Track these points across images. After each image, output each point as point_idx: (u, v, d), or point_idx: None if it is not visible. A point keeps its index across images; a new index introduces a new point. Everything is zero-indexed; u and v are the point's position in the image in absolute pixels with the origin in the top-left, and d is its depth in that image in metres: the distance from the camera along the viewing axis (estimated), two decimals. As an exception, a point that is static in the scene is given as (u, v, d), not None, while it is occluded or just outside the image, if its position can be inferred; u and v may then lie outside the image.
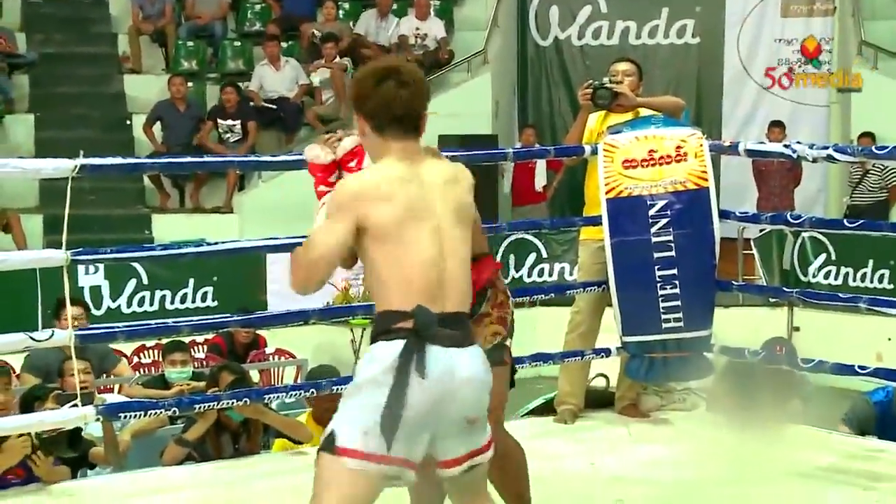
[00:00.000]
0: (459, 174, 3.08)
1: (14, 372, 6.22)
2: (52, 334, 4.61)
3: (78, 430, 4.66)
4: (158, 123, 11.63)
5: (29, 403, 5.03)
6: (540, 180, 12.04)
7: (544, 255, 10.84)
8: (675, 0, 12.99)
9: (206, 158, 7.87)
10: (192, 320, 6.22)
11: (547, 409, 5.57)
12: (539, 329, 8.84)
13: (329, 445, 2.84)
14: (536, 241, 10.73)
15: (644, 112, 5.51)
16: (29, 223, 10.25)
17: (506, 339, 3.66)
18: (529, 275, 10.82)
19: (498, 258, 10.69)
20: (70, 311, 5.29)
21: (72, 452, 4.75)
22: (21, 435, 4.61)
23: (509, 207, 12.02)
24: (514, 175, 12.10)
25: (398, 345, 2.82)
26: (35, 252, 5.84)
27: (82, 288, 8.78)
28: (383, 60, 3.13)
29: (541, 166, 11.96)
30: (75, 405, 4.51)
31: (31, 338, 4.50)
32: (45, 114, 11.67)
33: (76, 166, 4.37)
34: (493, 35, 12.76)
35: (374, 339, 2.90)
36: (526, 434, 5.11)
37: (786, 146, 5.34)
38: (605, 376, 5.72)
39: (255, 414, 5.21)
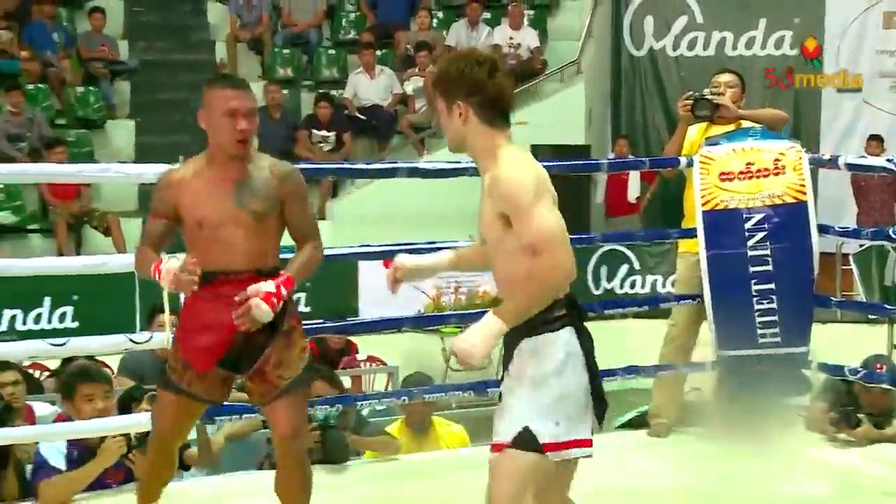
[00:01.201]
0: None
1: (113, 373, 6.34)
2: (151, 337, 4.70)
3: None
4: (253, 128, 11.78)
5: (127, 404, 5.12)
6: (633, 191, 11.97)
7: (636, 266, 10.76)
8: (773, 11, 12.82)
9: (301, 165, 7.94)
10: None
11: (640, 422, 5.52)
12: (630, 341, 8.78)
13: (532, 444, 2.91)
14: (629, 252, 10.67)
15: (745, 124, 5.45)
16: (128, 227, 10.45)
17: (309, 350, 3.78)
18: (621, 286, 10.75)
19: (589, 269, 10.69)
20: (167, 316, 5.36)
21: None
22: (117, 436, 4.70)
23: (601, 218, 11.97)
24: (607, 186, 12.05)
25: (567, 332, 2.97)
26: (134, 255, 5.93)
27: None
28: (477, 51, 3.11)
29: (634, 177, 11.89)
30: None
31: (131, 340, 4.58)
32: (146, 119, 11.89)
33: (176, 169, 4.44)
34: (587, 45, 12.71)
35: (531, 332, 2.97)
36: (618, 447, 5.09)
37: (888, 160, 5.24)
38: (701, 391, 5.65)
39: (352, 445, 5.17)
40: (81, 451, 4.66)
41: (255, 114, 3.63)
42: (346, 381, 7.91)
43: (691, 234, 5.32)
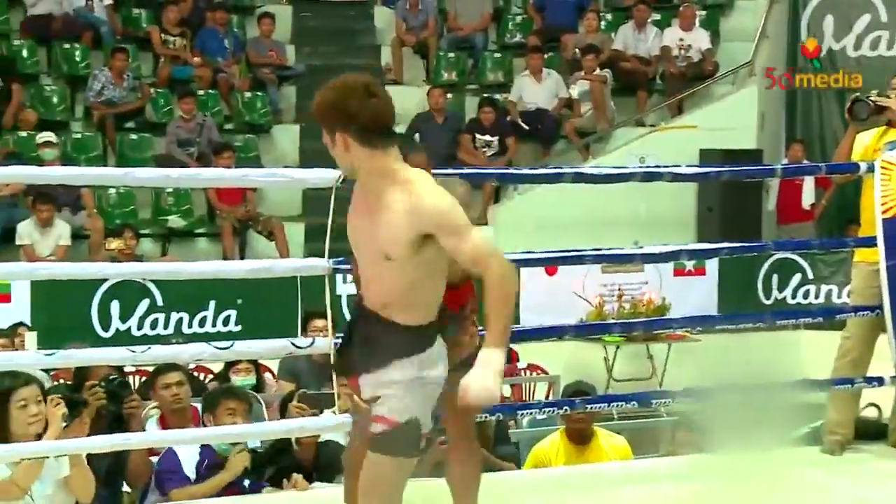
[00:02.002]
0: None
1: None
2: (313, 342, 4.75)
3: None
4: (417, 136, 11.89)
5: (285, 407, 5.22)
6: (807, 198, 11.66)
7: (810, 276, 10.49)
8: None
9: (464, 170, 7.97)
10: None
11: (813, 437, 5.36)
12: (803, 354, 8.55)
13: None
14: (802, 261, 10.41)
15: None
16: (291, 231, 10.66)
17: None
18: (794, 296, 10.50)
19: (760, 278, 10.46)
20: (329, 322, 5.43)
21: None
22: (243, 451, 4.82)
23: (773, 225, 11.69)
24: (780, 192, 11.76)
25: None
26: (298, 260, 6.02)
27: (340, 296, 9.03)
28: (349, 80, 3.24)
29: (809, 183, 11.58)
30: (333, 412, 4.64)
31: (294, 344, 4.64)
32: (311, 124, 12.10)
33: (340, 176, 4.49)
34: (762, 45, 12.44)
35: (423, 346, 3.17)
36: (790, 462, 4.95)
37: None
38: (878, 406, 5.46)
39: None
40: (210, 463, 4.78)
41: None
42: (506, 390, 7.92)
43: (870, 242, 5.13)
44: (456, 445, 3.83)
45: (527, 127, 12.10)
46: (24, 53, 11.80)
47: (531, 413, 5.39)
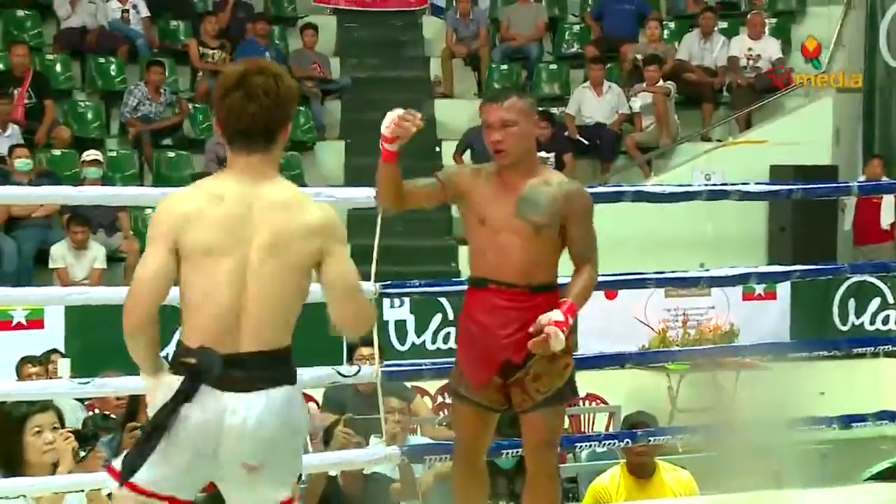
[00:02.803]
0: (302, 202, 3.13)
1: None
2: (359, 370, 4.80)
3: None
4: (469, 151, 11.92)
5: (329, 437, 5.27)
6: (887, 217, 11.56)
7: (890, 300, 10.40)
8: None
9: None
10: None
11: (893, 474, 5.33)
12: (883, 383, 8.49)
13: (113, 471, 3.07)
14: (881, 284, 10.32)
15: None
16: (337, 253, 10.72)
17: (573, 369, 4.05)
18: (872, 322, 10.40)
19: (836, 302, 10.38)
20: (377, 349, 5.48)
21: None
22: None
23: (850, 246, 11.60)
24: (857, 211, 11.67)
25: (177, 381, 3.00)
26: (343, 283, 6.08)
27: (387, 322, 9.07)
28: (243, 63, 3.17)
29: (888, 202, 11.48)
30: (380, 443, 4.69)
31: (339, 373, 4.69)
32: (356, 140, 12.18)
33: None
34: (837, 55, 12.38)
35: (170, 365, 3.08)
36: (867, 501, 4.92)
37: None
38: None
39: None
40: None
41: (511, 124, 3.97)
42: (565, 422, 7.92)
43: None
44: (534, 481, 3.99)
45: (585, 142, 12.11)
46: (58, 68, 11.98)
47: (590, 446, 5.40)
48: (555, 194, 3.96)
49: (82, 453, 4.53)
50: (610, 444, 5.52)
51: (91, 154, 10.36)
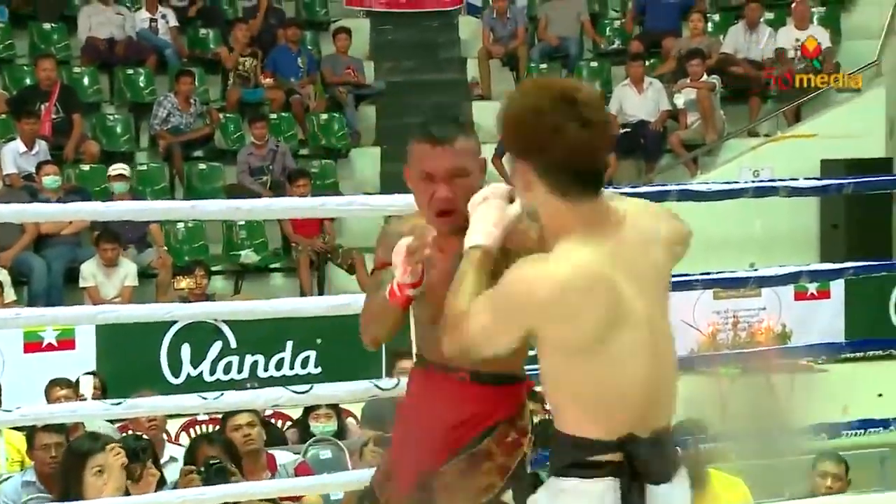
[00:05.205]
0: (659, 220, 2.62)
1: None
2: (398, 383, 4.80)
3: None
4: (508, 155, 11.89)
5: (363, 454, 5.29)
6: (942, 211, 11.48)
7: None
8: None
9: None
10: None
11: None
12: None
13: None
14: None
15: None
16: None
17: (500, 493, 3.12)
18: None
19: (892, 300, 10.27)
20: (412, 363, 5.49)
21: None
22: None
23: (909, 242, 11.52)
24: (912, 204, 11.59)
25: (606, 485, 2.48)
26: (380, 294, 6.09)
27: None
28: (551, 86, 2.56)
29: (946, 194, 11.40)
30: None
31: (377, 386, 4.69)
32: (392, 146, 12.19)
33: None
34: (889, 43, 12.29)
35: (558, 471, 2.56)
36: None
37: None
38: None
39: None
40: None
41: (463, 174, 3.13)
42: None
43: None
44: None
45: (629, 141, 12.09)
46: (85, 81, 12.09)
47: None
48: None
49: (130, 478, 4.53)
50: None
51: (117, 168, 10.43)
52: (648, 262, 2.54)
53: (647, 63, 12.68)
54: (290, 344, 9.17)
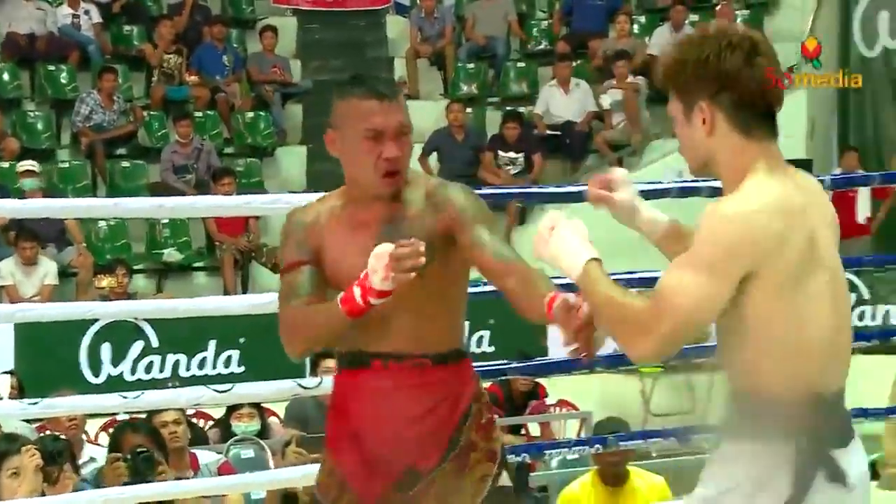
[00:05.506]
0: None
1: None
2: (321, 382, 4.80)
3: None
4: (435, 154, 11.95)
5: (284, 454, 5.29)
6: (863, 211, 11.65)
7: (866, 296, 10.47)
8: None
9: (486, 190, 8.02)
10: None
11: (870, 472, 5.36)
12: (859, 381, 8.53)
13: None
14: (857, 280, 10.39)
15: None
16: (300, 262, 10.72)
17: (498, 478, 3.03)
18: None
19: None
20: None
21: None
22: None
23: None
24: (833, 204, 11.76)
25: (788, 448, 2.39)
26: (304, 292, 6.08)
27: (353, 330, 9.06)
28: (728, 29, 2.50)
29: (864, 195, 11.57)
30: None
31: (300, 385, 4.69)
32: (319, 145, 12.13)
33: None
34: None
35: (733, 434, 2.46)
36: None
37: None
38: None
39: None
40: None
41: (407, 132, 2.97)
42: (535, 429, 7.95)
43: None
44: None
45: (555, 141, 12.16)
46: (6, 77, 11.94)
47: (561, 453, 5.40)
48: (418, 212, 2.95)
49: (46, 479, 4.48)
50: (581, 450, 5.53)
51: (26, 164, 10.30)
52: (828, 213, 2.57)
53: (573, 64, 12.76)
54: (212, 343, 9.14)
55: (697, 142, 2.52)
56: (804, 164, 11.25)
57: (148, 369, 9.04)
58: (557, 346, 8.93)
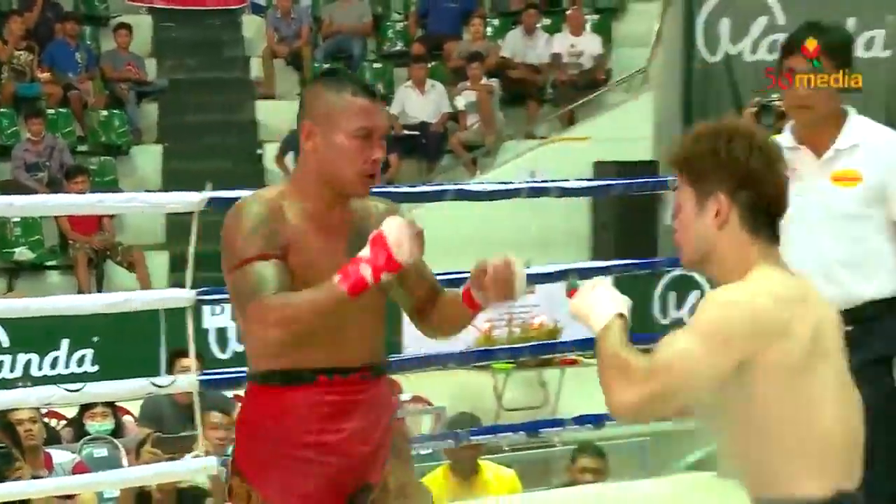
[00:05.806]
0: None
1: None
2: (174, 381, 4.80)
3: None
4: (291, 154, 11.92)
5: (139, 451, 5.27)
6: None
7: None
8: (864, 9, 12.71)
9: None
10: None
11: (709, 462, 5.55)
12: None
13: None
14: (700, 277, 10.63)
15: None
16: (155, 261, 10.63)
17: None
18: (692, 314, 10.71)
19: (656, 296, 10.67)
20: (193, 359, 5.45)
21: None
22: None
23: (670, 241, 11.92)
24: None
25: None
26: (159, 292, 6.05)
27: (207, 330, 9.03)
28: (753, 130, 2.51)
29: (710, 196, 11.90)
30: (198, 455, 4.70)
31: (153, 384, 4.68)
32: (174, 144, 12.09)
33: (203, 200, 4.47)
34: (657, 52, 12.75)
35: None
36: (687, 488, 5.13)
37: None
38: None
39: None
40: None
41: (386, 133, 2.93)
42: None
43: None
44: None
45: (410, 142, 12.24)
46: None
47: (415, 447, 5.48)
48: (365, 217, 2.93)
49: None
50: (434, 445, 5.62)
51: None
52: (832, 312, 2.54)
53: (429, 65, 12.86)
54: (65, 342, 9.00)
55: (703, 232, 2.51)
56: (651, 166, 11.54)
57: (-2, 369, 8.88)
58: (412, 341, 9.06)
